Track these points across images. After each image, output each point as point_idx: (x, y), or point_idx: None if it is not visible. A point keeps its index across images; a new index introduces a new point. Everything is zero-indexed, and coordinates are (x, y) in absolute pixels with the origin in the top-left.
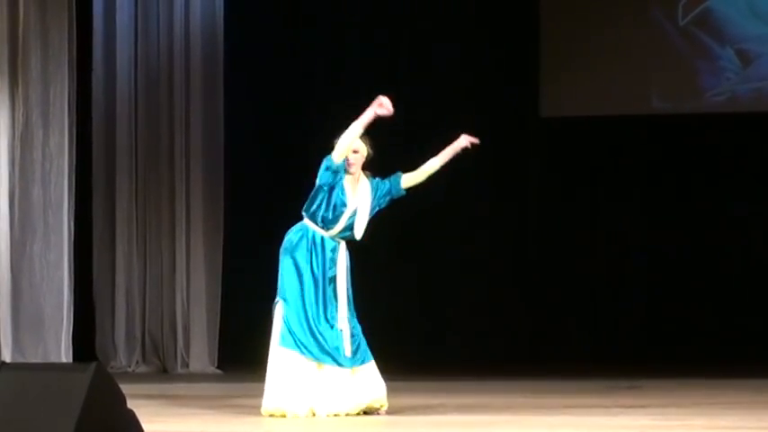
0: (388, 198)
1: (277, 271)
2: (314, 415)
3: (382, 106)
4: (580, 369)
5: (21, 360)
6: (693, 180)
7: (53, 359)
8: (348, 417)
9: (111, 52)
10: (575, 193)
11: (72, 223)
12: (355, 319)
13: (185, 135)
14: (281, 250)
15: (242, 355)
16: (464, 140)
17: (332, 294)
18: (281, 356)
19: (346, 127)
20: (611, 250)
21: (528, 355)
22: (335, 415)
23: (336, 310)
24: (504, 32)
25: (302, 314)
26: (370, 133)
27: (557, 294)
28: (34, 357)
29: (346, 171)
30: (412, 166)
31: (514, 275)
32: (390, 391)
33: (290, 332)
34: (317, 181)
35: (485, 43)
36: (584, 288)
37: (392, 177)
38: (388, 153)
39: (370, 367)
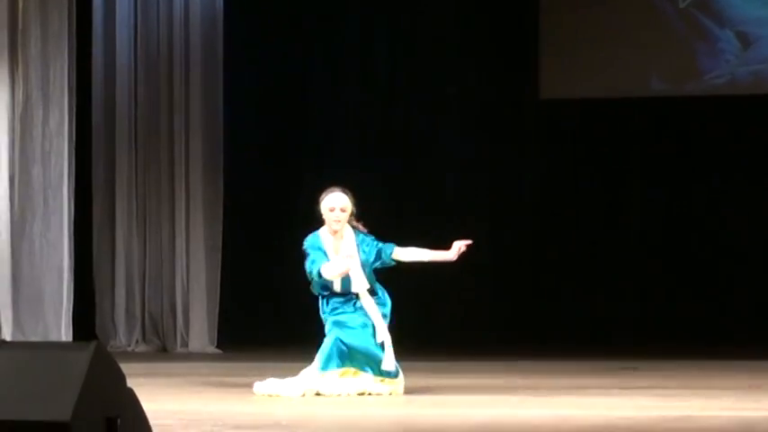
0: (377, 264)
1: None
2: (317, 394)
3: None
4: (579, 350)
5: (21, 339)
6: (692, 162)
7: (53, 338)
8: (349, 397)
9: (111, 31)
10: (574, 175)
11: (72, 203)
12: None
13: (185, 114)
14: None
15: (241, 334)
16: (455, 252)
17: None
18: (316, 377)
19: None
20: (609, 231)
21: (527, 336)
22: (337, 395)
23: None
24: (503, 14)
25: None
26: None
27: (555, 275)
28: (34, 336)
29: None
30: (410, 145)
31: (513, 257)
32: None
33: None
34: (307, 270)
35: (484, 25)
36: (583, 269)
37: (385, 246)
38: (386, 135)
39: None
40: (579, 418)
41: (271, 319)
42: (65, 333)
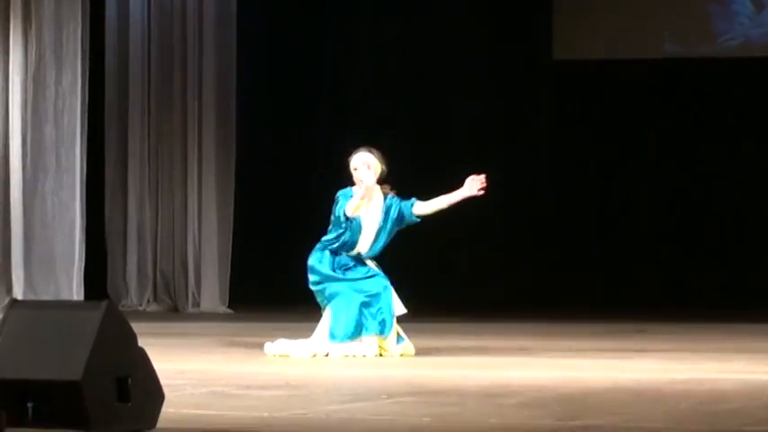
0: (402, 225)
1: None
2: (326, 355)
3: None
4: (591, 313)
5: (33, 298)
6: (705, 124)
7: (65, 297)
8: (355, 358)
9: None
10: (587, 136)
11: (84, 162)
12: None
13: (198, 75)
14: (312, 286)
15: (252, 295)
16: (469, 189)
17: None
18: (324, 345)
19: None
20: (622, 194)
21: (540, 298)
22: (345, 357)
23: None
24: None
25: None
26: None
27: (568, 238)
28: (46, 295)
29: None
30: (425, 114)
31: (527, 219)
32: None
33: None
34: (334, 215)
35: None
36: (595, 232)
37: (405, 203)
38: (400, 99)
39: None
40: (587, 379)
41: (281, 279)
42: (76, 292)
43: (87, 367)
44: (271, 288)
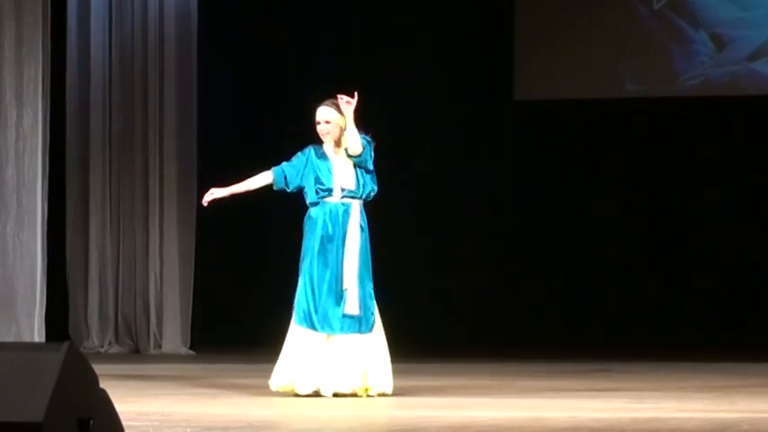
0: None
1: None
2: (318, 395)
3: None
4: (552, 352)
5: None
6: (666, 163)
7: (26, 339)
8: (323, 397)
9: (86, 33)
10: (548, 177)
11: (45, 204)
12: (370, 284)
13: (159, 117)
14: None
15: (214, 336)
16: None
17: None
18: (294, 334)
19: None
20: (584, 233)
21: (500, 337)
22: (335, 394)
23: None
24: (477, 15)
25: (309, 285)
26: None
27: (529, 277)
28: (7, 337)
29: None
30: (386, 151)
31: (487, 259)
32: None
33: (300, 309)
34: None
35: (459, 25)
36: (557, 271)
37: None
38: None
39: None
40: (550, 419)
41: (243, 320)
42: (38, 334)
43: (49, 409)
44: (233, 329)
